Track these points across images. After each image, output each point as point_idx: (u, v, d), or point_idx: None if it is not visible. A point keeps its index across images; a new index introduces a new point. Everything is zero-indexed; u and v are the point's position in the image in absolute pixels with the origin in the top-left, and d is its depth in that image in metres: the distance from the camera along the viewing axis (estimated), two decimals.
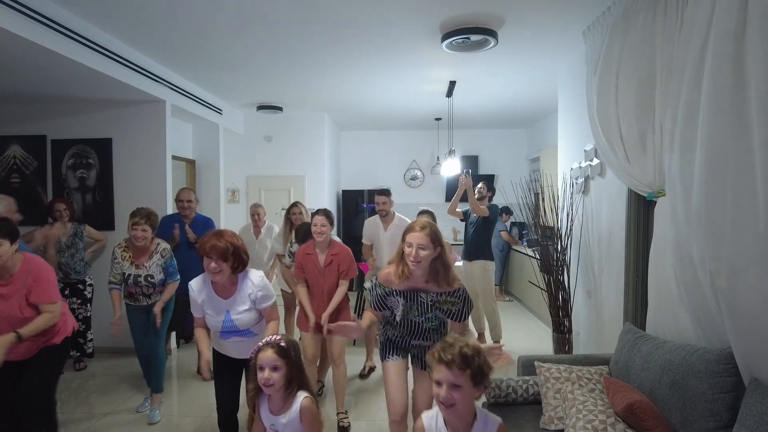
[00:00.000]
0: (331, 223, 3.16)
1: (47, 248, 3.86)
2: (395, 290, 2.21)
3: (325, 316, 3.06)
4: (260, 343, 1.81)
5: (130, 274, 3.16)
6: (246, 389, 2.25)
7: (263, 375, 1.74)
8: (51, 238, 3.88)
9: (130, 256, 3.17)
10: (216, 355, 2.47)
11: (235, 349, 2.42)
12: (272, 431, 1.81)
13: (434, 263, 2.13)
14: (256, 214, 4.63)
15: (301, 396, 1.80)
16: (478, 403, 1.61)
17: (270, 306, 2.40)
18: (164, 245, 3.26)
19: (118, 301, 3.20)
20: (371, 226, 4.27)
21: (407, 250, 2.10)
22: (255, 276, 2.37)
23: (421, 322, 2.24)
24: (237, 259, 2.27)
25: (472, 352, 1.50)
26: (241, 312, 2.33)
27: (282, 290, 4.45)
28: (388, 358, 2.34)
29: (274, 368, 1.74)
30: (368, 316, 2.34)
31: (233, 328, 2.34)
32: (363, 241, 4.26)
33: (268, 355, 1.75)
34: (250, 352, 2.18)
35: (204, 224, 4.13)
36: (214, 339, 2.44)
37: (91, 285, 4.27)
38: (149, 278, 3.17)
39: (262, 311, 2.40)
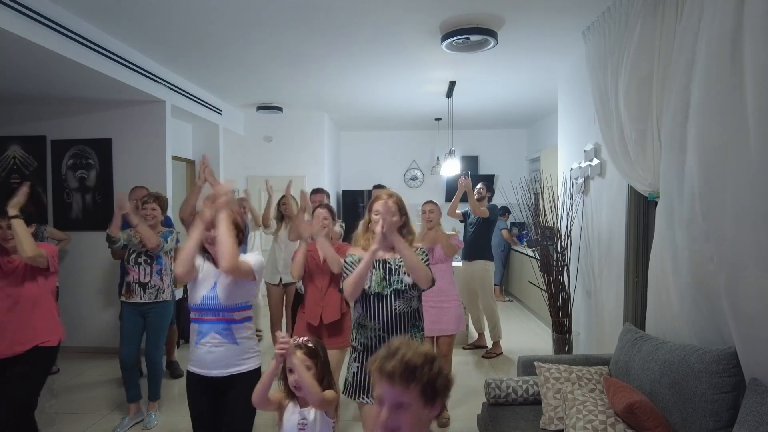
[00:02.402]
0: (334, 217, 3.10)
1: None
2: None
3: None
4: (292, 340, 1.79)
5: (134, 250, 3.19)
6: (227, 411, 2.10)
7: (294, 377, 1.73)
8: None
9: (138, 236, 3.21)
10: (190, 378, 2.12)
11: (210, 358, 2.04)
12: (301, 425, 1.81)
13: (400, 230, 2.22)
14: (240, 206, 4.61)
15: (326, 392, 1.80)
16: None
17: (246, 260, 2.06)
18: (168, 229, 3.34)
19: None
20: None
21: (374, 218, 2.22)
22: (252, 255, 2.18)
23: (393, 299, 2.14)
24: (235, 226, 2.09)
25: (422, 359, 1.16)
26: (227, 284, 2.06)
27: (268, 284, 4.32)
28: (361, 398, 2.14)
29: (305, 368, 1.75)
30: (348, 283, 2.21)
31: (213, 305, 2.06)
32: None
33: (298, 357, 1.75)
34: (223, 367, 2.04)
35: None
36: (191, 353, 2.12)
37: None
38: (148, 253, 3.21)
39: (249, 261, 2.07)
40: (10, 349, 2.35)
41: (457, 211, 4.76)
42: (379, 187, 4.32)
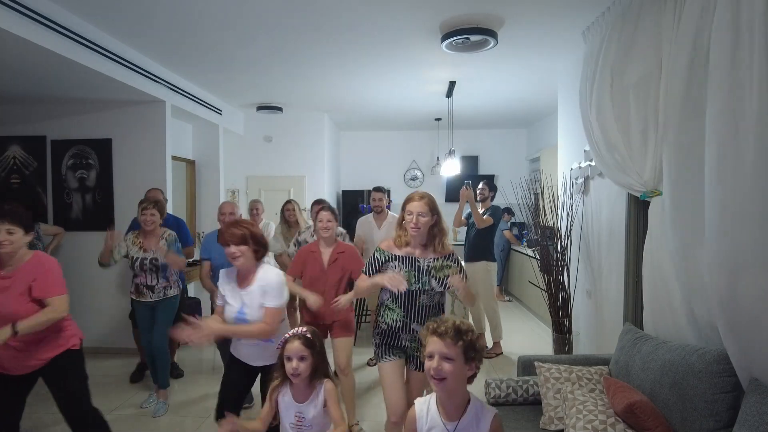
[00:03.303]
0: (337, 219, 3.15)
1: None
2: (395, 255, 2.32)
3: (345, 299, 2.90)
4: (287, 335, 1.89)
5: (137, 258, 3.32)
6: (261, 384, 2.32)
7: (291, 365, 1.82)
8: None
9: (140, 242, 3.36)
10: (231, 358, 2.45)
11: (247, 352, 2.37)
12: (298, 418, 1.88)
13: (432, 230, 2.31)
14: (254, 208, 4.62)
15: (324, 382, 1.89)
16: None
17: (273, 308, 2.24)
18: (171, 232, 3.42)
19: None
20: (364, 224, 4.34)
21: (407, 217, 2.28)
22: (271, 271, 2.34)
23: (418, 295, 2.27)
24: (256, 242, 2.29)
25: (466, 327, 1.51)
26: (252, 305, 2.27)
27: None
28: (384, 358, 2.33)
29: (301, 358, 1.83)
30: (361, 281, 2.39)
31: (243, 321, 2.28)
32: (355, 241, 4.31)
33: (296, 346, 1.83)
34: (263, 360, 2.29)
35: (175, 225, 4.05)
36: (233, 342, 2.42)
37: None
38: (153, 261, 3.32)
39: (264, 309, 2.25)
40: (25, 369, 2.29)
41: (462, 218, 4.74)
42: (378, 189, 4.32)
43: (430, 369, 1.47)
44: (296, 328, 1.91)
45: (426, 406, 1.58)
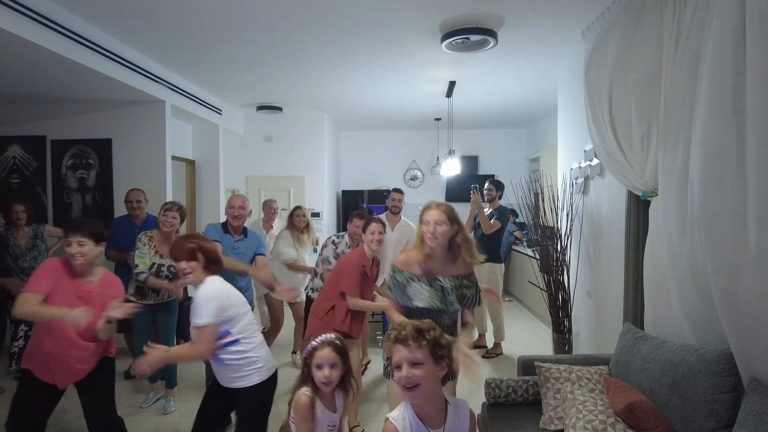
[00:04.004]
0: (384, 228, 3.09)
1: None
2: (416, 276, 2.15)
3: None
4: (316, 342, 1.80)
5: (153, 263, 3.23)
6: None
7: (323, 373, 1.73)
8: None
9: (154, 245, 3.26)
10: (213, 379, 2.29)
11: (215, 368, 2.20)
12: (330, 428, 1.82)
13: (453, 241, 2.14)
14: (272, 209, 4.59)
15: (300, 392, 1.78)
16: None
17: (198, 326, 1.99)
18: (145, 239, 3.31)
19: (160, 282, 3.21)
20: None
21: (425, 228, 2.11)
22: (206, 285, 2.10)
23: (439, 315, 2.11)
24: (208, 258, 2.12)
25: (427, 326, 1.46)
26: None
27: (268, 298, 4.13)
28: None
29: (332, 366, 1.75)
30: (396, 313, 2.18)
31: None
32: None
33: (327, 353, 1.75)
34: (227, 382, 2.14)
35: (155, 224, 4.07)
36: (264, 356, 2.24)
37: None
38: (171, 268, 3.23)
39: (193, 330, 2.03)
40: (78, 376, 2.31)
41: (472, 223, 4.72)
42: (398, 191, 4.33)
43: (401, 379, 1.40)
44: (324, 335, 1.83)
45: (405, 421, 1.46)
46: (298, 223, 4.19)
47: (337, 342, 1.80)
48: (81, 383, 2.31)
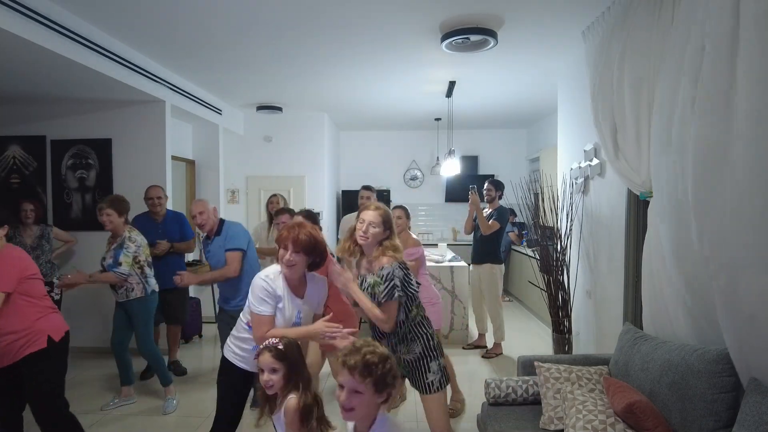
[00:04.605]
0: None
1: None
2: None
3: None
4: (260, 347, 1.86)
5: (103, 257, 3.37)
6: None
7: (263, 377, 1.80)
8: None
9: (112, 242, 3.40)
10: (244, 375, 2.26)
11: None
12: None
13: (381, 244, 2.20)
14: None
15: (290, 397, 1.80)
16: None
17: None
18: (134, 236, 3.36)
19: (103, 276, 3.32)
20: (350, 221, 4.26)
21: (358, 225, 2.20)
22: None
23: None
24: (316, 254, 2.11)
25: (378, 359, 1.47)
26: (307, 313, 2.20)
27: None
28: None
29: (273, 370, 1.79)
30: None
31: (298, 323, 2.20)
32: (339, 236, 4.23)
33: (266, 359, 1.80)
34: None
35: (175, 219, 4.11)
36: (250, 358, 2.20)
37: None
38: (103, 261, 3.36)
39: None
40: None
41: (472, 224, 4.71)
42: (367, 188, 4.28)
43: (339, 398, 1.48)
44: (269, 340, 1.85)
45: None
46: (271, 210, 4.27)
47: (280, 347, 1.81)
48: (22, 373, 2.37)
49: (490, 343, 4.67)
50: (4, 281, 2.25)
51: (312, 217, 3.14)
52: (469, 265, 4.80)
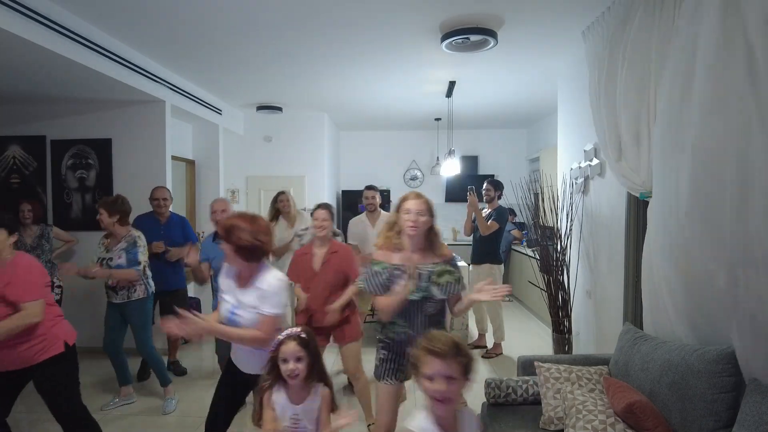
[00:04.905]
0: (332, 218, 3.10)
1: None
2: (395, 265, 2.17)
3: (333, 307, 2.84)
4: (281, 336, 1.84)
5: (101, 258, 3.35)
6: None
7: (288, 366, 1.78)
8: None
9: (107, 242, 3.40)
10: (228, 364, 2.31)
11: (242, 357, 2.22)
12: (294, 420, 1.85)
13: (428, 233, 2.19)
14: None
15: (321, 387, 1.86)
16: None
17: (269, 315, 2.04)
18: (136, 235, 3.38)
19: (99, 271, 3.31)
20: (358, 224, 4.28)
21: (405, 216, 2.14)
22: (273, 275, 2.12)
23: (421, 305, 2.14)
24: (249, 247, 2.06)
25: (461, 340, 1.46)
26: (246, 307, 2.11)
27: None
28: (385, 379, 2.23)
29: (298, 359, 1.79)
30: (380, 302, 2.18)
31: (234, 322, 2.14)
32: (349, 241, 4.21)
33: (292, 347, 1.79)
34: (258, 368, 2.09)
35: (179, 224, 4.09)
36: (232, 345, 2.26)
37: (60, 287, 4.27)
38: (108, 261, 3.32)
39: (259, 316, 2.05)
40: (12, 365, 2.32)
41: (471, 224, 4.70)
42: (370, 188, 4.27)
43: (435, 393, 1.39)
44: (290, 329, 1.87)
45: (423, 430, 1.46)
46: (282, 207, 4.26)
47: (303, 335, 1.83)
48: (34, 379, 2.36)
49: (490, 343, 4.67)
50: (35, 289, 2.26)
51: (328, 208, 3.14)
52: (468, 265, 4.80)
